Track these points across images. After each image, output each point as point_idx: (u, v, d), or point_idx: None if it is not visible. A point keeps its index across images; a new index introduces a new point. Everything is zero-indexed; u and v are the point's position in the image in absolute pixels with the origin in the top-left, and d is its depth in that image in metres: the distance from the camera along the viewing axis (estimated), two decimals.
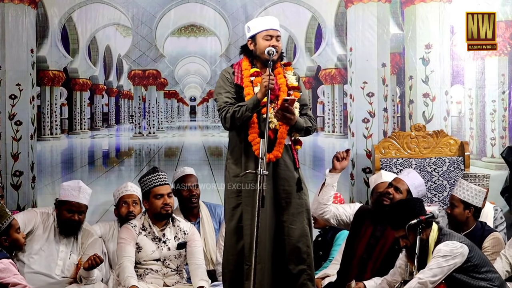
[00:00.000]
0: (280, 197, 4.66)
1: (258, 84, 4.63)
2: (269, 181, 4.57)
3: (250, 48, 4.76)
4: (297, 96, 4.66)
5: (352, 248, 5.17)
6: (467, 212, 5.30)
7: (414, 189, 5.22)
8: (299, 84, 4.81)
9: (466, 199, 5.30)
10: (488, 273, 4.51)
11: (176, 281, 5.26)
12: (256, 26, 4.74)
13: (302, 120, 4.70)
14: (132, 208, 5.69)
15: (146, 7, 7.18)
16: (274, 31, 4.71)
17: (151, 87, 7.32)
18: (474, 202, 5.32)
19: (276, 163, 4.63)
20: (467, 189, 5.32)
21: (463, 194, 5.31)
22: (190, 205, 5.94)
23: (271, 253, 4.62)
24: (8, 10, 6.97)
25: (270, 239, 4.61)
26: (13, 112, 6.99)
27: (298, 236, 4.67)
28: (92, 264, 4.99)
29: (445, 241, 4.52)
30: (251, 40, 4.75)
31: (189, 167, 6.17)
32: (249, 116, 4.57)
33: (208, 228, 5.96)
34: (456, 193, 5.36)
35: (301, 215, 4.70)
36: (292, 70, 4.84)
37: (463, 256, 4.47)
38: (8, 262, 4.58)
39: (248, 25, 4.80)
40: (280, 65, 4.76)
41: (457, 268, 4.47)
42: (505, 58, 7.18)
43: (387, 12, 7.12)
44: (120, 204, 5.79)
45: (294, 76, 4.80)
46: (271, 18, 4.84)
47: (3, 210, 4.72)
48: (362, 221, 5.22)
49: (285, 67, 4.80)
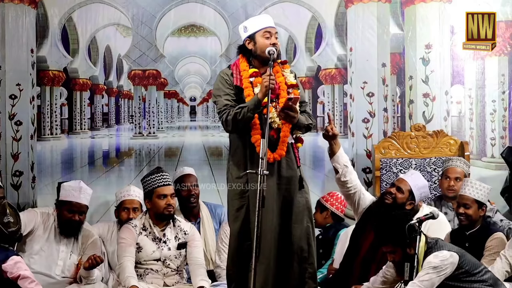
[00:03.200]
0: (283, 195, 4.66)
1: (258, 85, 4.62)
2: (273, 180, 4.59)
3: (248, 48, 4.75)
4: (296, 94, 4.66)
5: (356, 246, 5.15)
6: (480, 211, 5.18)
7: (417, 190, 5.19)
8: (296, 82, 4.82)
9: (480, 199, 5.17)
10: (480, 274, 4.48)
11: (176, 281, 5.26)
12: (253, 25, 4.74)
13: (303, 118, 4.71)
14: (132, 215, 5.67)
15: (146, 7, 7.18)
16: (272, 29, 4.71)
17: (151, 87, 7.32)
18: (485, 200, 5.21)
19: (279, 162, 4.64)
20: (480, 189, 5.19)
21: (477, 194, 5.18)
22: (189, 205, 5.93)
23: (275, 253, 4.62)
24: (8, 10, 6.98)
25: (275, 239, 4.61)
26: (13, 112, 6.99)
27: (300, 234, 4.67)
28: (92, 264, 4.99)
29: (434, 252, 4.45)
30: (250, 40, 4.74)
31: (189, 167, 6.16)
32: (251, 117, 4.57)
33: (208, 228, 5.96)
34: (469, 193, 5.19)
35: (303, 213, 4.70)
36: (289, 68, 4.84)
37: (453, 265, 4.42)
38: (18, 258, 4.75)
39: (244, 25, 4.79)
40: (278, 64, 4.76)
41: (449, 276, 4.43)
42: (505, 58, 7.19)
43: (387, 12, 7.13)
44: (120, 207, 5.79)
45: (292, 74, 4.80)
46: (267, 16, 4.85)
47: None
48: (368, 220, 5.22)
49: (282, 65, 4.80)
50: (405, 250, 4.47)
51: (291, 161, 4.69)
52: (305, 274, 4.68)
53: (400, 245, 4.47)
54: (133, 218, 5.54)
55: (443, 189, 5.96)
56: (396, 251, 4.50)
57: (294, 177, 4.70)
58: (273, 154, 4.58)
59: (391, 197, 5.16)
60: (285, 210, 4.66)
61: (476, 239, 5.12)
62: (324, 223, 5.97)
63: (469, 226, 5.18)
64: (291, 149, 4.70)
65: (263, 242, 4.48)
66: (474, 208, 5.16)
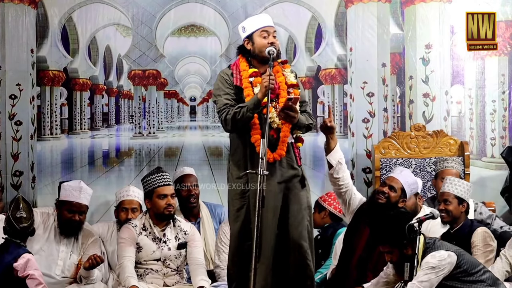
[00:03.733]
0: (283, 195, 4.66)
1: (257, 85, 4.63)
2: (274, 180, 4.59)
3: (247, 48, 4.76)
4: (296, 94, 4.66)
5: (351, 246, 5.14)
6: (461, 207, 5.29)
7: (408, 187, 5.21)
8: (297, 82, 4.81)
9: (460, 195, 5.27)
10: (479, 274, 4.48)
11: (176, 281, 5.26)
12: (251, 25, 4.74)
13: (304, 118, 4.71)
14: (131, 215, 5.67)
15: (146, 7, 7.18)
16: (270, 28, 4.71)
17: (151, 87, 7.32)
18: (466, 197, 5.31)
19: (280, 162, 4.64)
20: (459, 185, 5.32)
21: (456, 190, 5.29)
22: (189, 205, 5.94)
23: (275, 252, 4.62)
24: (8, 10, 6.98)
25: (275, 238, 4.61)
26: (13, 112, 6.99)
27: (301, 232, 4.66)
28: (92, 264, 4.99)
29: (432, 252, 4.46)
30: (248, 40, 4.75)
31: (189, 167, 6.17)
32: (250, 116, 4.57)
33: (208, 228, 5.96)
34: (449, 189, 5.31)
35: (304, 212, 4.70)
36: (290, 67, 4.84)
37: (451, 265, 4.42)
38: (29, 256, 4.77)
39: (242, 26, 4.79)
40: (278, 63, 4.76)
41: (448, 276, 4.43)
42: (505, 58, 7.19)
43: (387, 12, 7.13)
44: (120, 208, 5.79)
45: (292, 74, 4.79)
46: (265, 16, 4.84)
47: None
48: (361, 219, 5.21)
49: (282, 65, 4.80)
50: (402, 251, 4.48)
51: (291, 161, 4.70)
52: (303, 273, 4.67)
53: (397, 245, 4.48)
54: (132, 218, 5.54)
55: (438, 190, 5.97)
56: (393, 252, 4.51)
57: (295, 176, 4.70)
58: (273, 154, 4.58)
59: (384, 197, 5.17)
60: (285, 209, 4.66)
61: (462, 237, 5.17)
62: (322, 223, 5.97)
63: (451, 223, 5.27)
64: (291, 149, 4.71)
65: (263, 242, 4.48)
66: (454, 204, 5.26)
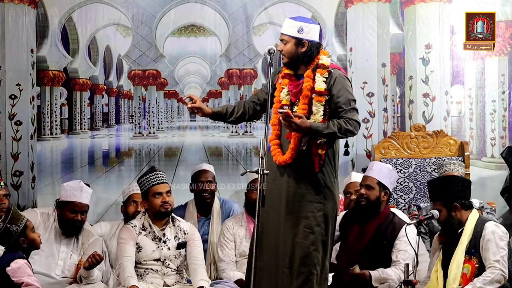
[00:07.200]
0: (293, 199, 4.62)
1: (283, 88, 4.66)
2: (283, 181, 4.59)
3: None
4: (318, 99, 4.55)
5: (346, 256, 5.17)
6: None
7: (384, 178, 5.17)
8: (333, 87, 4.57)
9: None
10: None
11: (176, 281, 5.26)
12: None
13: (323, 126, 4.49)
14: (141, 208, 5.66)
15: (146, 7, 7.19)
16: (281, 35, 4.68)
17: (151, 87, 7.32)
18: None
19: (294, 165, 4.58)
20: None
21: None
22: (203, 201, 6.04)
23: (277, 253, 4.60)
24: (8, 10, 6.98)
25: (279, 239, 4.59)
26: (13, 112, 6.99)
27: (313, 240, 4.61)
28: (92, 262, 4.98)
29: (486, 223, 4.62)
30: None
31: (207, 164, 6.29)
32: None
33: (217, 224, 6.04)
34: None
35: (316, 219, 4.61)
36: (325, 72, 4.59)
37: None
38: (23, 262, 4.58)
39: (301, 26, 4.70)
40: (311, 67, 4.62)
41: None
42: (505, 58, 7.19)
43: (387, 12, 7.13)
44: (128, 202, 5.79)
45: (323, 78, 4.58)
46: (285, 21, 4.71)
47: (16, 213, 4.67)
48: (347, 227, 5.25)
49: (317, 69, 4.61)
50: (451, 212, 4.69)
51: (308, 166, 4.59)
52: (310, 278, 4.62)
53: (447, 205, 4.69)
54: (141, 211, 5.52)
55: None
56: (442, 211, 4.70)
57: (308, 182, 4.59)
58: (282, 157, 4.58)
59: (363, 198, 5.17)
60: (292, 212, 4.61)
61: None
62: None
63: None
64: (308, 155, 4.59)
65: (266, 241, 4.49)
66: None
